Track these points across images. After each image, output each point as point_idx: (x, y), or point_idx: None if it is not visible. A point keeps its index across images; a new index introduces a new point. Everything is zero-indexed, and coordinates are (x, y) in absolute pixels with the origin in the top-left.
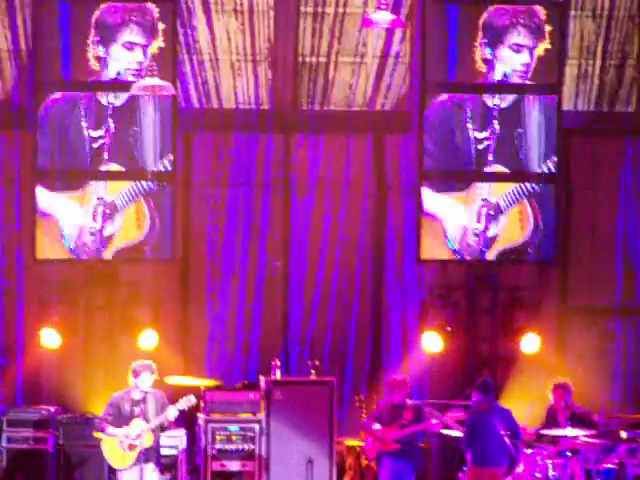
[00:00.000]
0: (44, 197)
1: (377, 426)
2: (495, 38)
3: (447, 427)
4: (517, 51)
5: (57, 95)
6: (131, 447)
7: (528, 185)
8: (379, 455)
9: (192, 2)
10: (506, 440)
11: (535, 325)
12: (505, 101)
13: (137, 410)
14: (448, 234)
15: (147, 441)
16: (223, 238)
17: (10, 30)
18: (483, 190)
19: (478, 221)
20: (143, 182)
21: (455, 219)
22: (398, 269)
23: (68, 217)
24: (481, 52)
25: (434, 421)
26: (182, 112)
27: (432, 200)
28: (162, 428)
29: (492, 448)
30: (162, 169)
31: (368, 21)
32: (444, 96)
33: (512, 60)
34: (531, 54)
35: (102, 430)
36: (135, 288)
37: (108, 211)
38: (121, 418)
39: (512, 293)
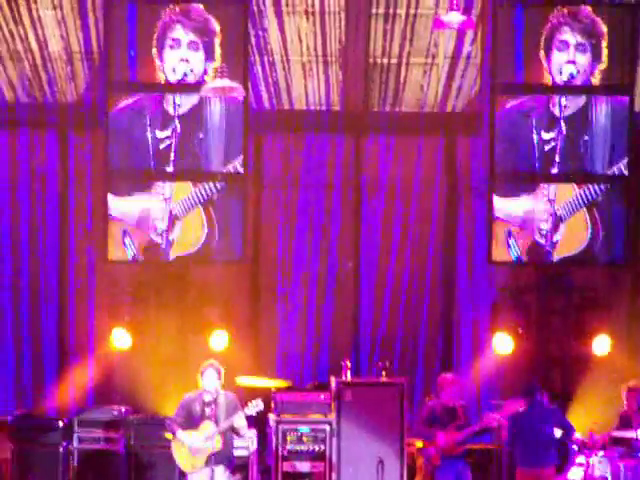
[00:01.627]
0: (113, 202)
1: (440, 434)
2: (548, 40)
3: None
4: (562, 49)
5: (128, 101)
6: (200, 451)
7: (588, 193)
8: (443, 459)
9: (263, 4)
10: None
11: (606, 327)
12: (573, 103)
13: (208, 411)
14: (511, 240)
15: (217, 444)
16: (293, 239)
17: (82, 32)
18: (549, 191)
19: (544, 221)
20: (206, 187)
21: (521, 222)
22: (469, 270)
23: (136, 219)
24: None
25: (493, 416)
26: (253, 113)
27: (499, 205)
28: (235, 432)
29: (537, 448)
30: (231, 171)
31: (439, 22)
32: (512, 102)
33: (560, 59)
34: (588, 53)
35: (172, 432)
36: (205, 289)
37: (175, 213)
38: (192, 419)
39: (583, 294)
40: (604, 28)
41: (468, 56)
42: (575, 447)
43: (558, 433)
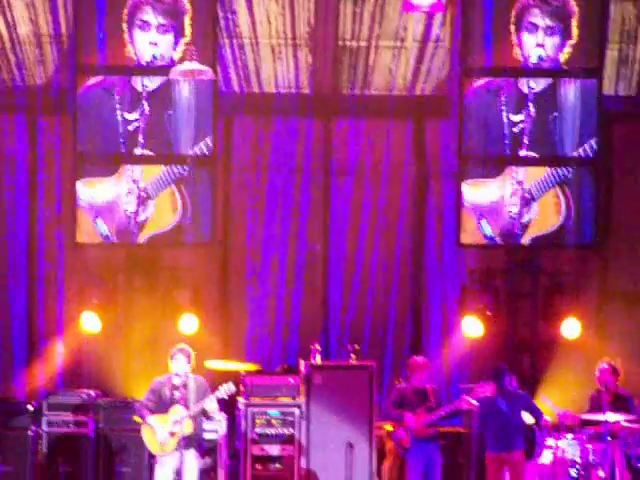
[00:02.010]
0: (83, 187)
1: (408, 415)
2: (517, 21)
3: (479, 400)
4: (531, 31)
5: (92, 81)
6: (171, 434)
7: (560, 172)
8: (412, 441)
9: None
10: (525, 422)
11: (575, 310)
12: (540, 85)
13: (177, 395)
14: (482, 222)
15: (187, 428)
16: (263, 222)
17: (51, 15)
18: (518, 174)
19: (513, 204)
20: (175, 168)
21: (490, 206)
22: (438, 253)
23: (105, 202)
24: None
25: (465, 398)
26: (222, 96)
27: (468, 192)
28: (205, 416)
29: (505, 433)
30: (199, 153)
31: (409, 5)
32: (480, 81)
33: (529, 42)
34: (557, 35)
35: (142, 417)
36: (175, 272)
37: (144, 194)
38: (161, 403)
39: (552, 278)
40: (575, 8)
41: (437, 39)
42: (543, 431)
43: (527, 417)
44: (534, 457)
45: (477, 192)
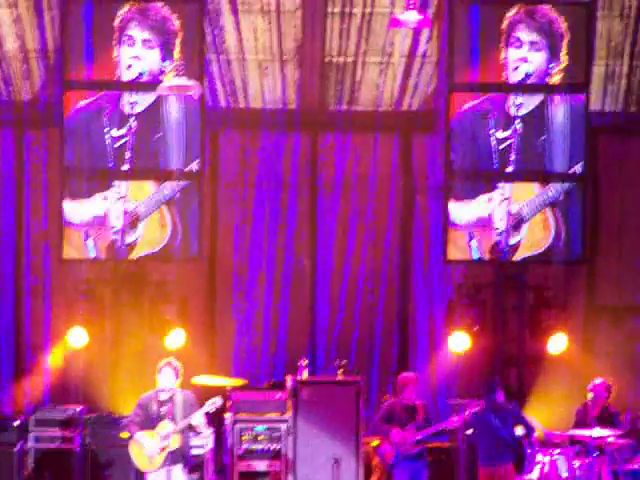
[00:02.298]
0: (70, 205)
1: (395, 430)
2: (504, 37)
3: (467, 423)
4: (517, 47)
5: (85, 101)
6: (159, 450)
7: (550, 193)
8: (397, 458)
9: (219, 2)
10: (516, 436)
11: (562, 325)
12: (528, 102)
13: (164, 410)
14: (472, 243)
15: (174, 443)
16: (250, 237)
17: (38, 30)
18: (505, 190)
19: (501, 220)
20: (167, 186)
21: (478, 223)
22: (425, 268)
23: (93, 220)
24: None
25: (454, 418)
26: (209, 112)
27: (455, 210)
28: (192, 431)
29: (502, 446)
30: (187, 169)
31: (395, 21)
32: (469, 104)
33: (514, 56)
34: (543, 52)
35: (130, 432)
36: (162, 287)
37: (132, 215)
38: (149, 419)
39: (539, 293)
40: (563, 27)
41: (424, 54)
42: (533, 445)
43: (519, 431)
44: (524, 472)
45: (465, 210)
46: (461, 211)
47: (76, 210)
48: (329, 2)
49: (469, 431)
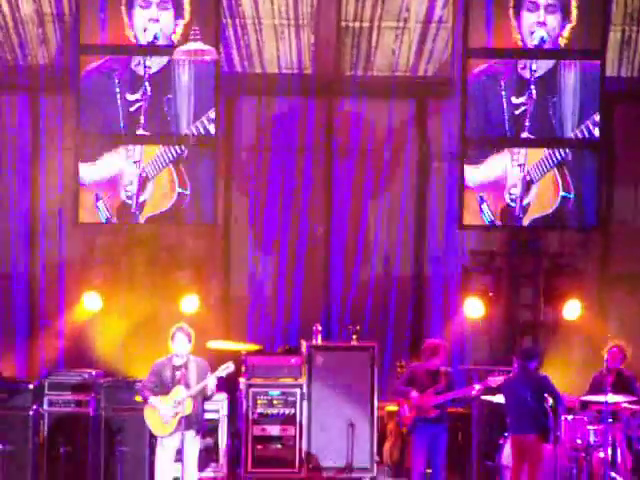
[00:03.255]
0: (84, 167)
1: (414, 392)
2: (518, 2)
3: (488, 391)
4: (531, 11)
5: (93, 64)
6: (173, 415)
7: (558, 153)
8: (416, 421)
9: None
10: (545, 406)
11: (577, 292)
12: (542, 68)
13: (178, 375)
14: (483, 206)
15: (187, 408)
16: (265, 203)
17: None
18: (519, 156)
19: (514, 186)
20: (175, 148)
21: (491, 185)
22: (439, 235)
23: (107, 182)
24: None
25: (476, 386)
26: (224, 76)
27: (469, 173)
28: (205, 396)
29: (527, 415)
30: (202, 132)
31: None
32: (482, 66)
33: (530, 21)
34: (558, 13)
35: (144, 398)
36: (176, 253)
37: (144, 175)
38: (163, 385)
39: (554, 259)
40: None
41: (440, 20)
42: (559, 415)
43: (548, 402)
44: (550, 442)
45: (479, 174)
46: (473, 173)
47: (91, 175)
48: None
49: (498, 397)
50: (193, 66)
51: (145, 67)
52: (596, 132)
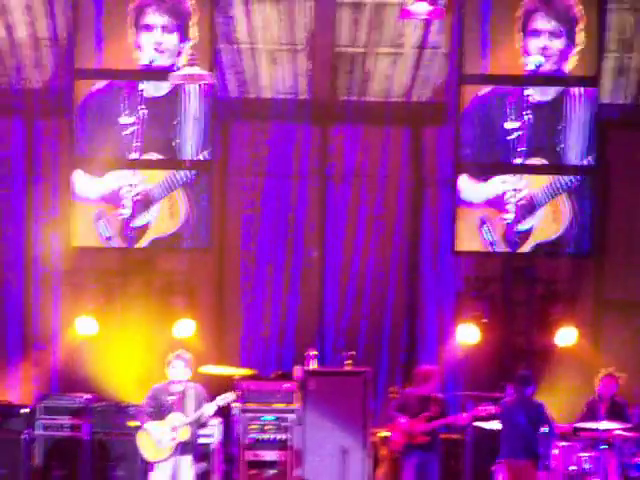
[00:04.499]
0: (81, 181)
1: (403, 419)
2: (520, 26)
3: (477, 420)
4: (534, 36)
5: (99, 85)
6: (169, 440)
7: (566, 179)
8: (405, 447)
9: None
10: (539, 433)
11: (571, 318)
12: (543, 94)
13: (175, 401)
14: (484, 225)
15: (183, 434)
16: (259, 228)
17: (49, 18)
18: (516, 181)
19: (509, 212)
20: (179, 173)
21: (491, 208)
22: (434, 260)
23: (102, 202)
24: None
25: (465, 415)
26: (220, 101)
27: (469, 188)
28: (200, 423)
29: (521, 441)
30: (200, 158)
31: (406, 12)
32: (485, 89)
33: (531, 47)
34: (563, 38)
35: (141, 422)
36: (171, 276)
37: (140, 198)
38: (159, 410)
39: (548, 286)
40: (579, 13)
41: (435, 45)
42: (550, 442)
43: (542, 429)
44: (542, 469)
45: (478, 193)
46: (474, 189)
47: (86, 191)
48: None
49: (494, 423)
50: (192, 92)
51: (142, 91)
52: (591, 159)
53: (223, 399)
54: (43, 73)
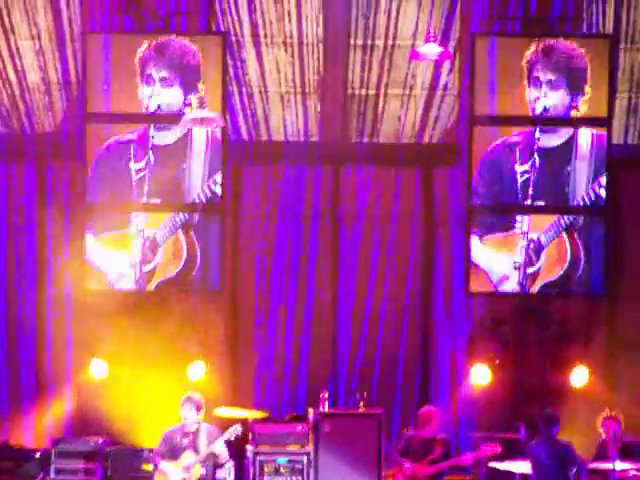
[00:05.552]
0: (91, 243)
1: (407, 464)
2: (525, 74)
3: (481, 460)
4: (537, 86)
5: (111, 140)
6: None
7: (566, 218)
8: None
9: (242, 35)
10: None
11: (584, 358)
12: (549, 136)
13: (186, 441)
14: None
15: (196, 474)
16: (272, 270)
17: (60, 62)
18: (523, 224)
19: (519, 254)
20: (182, 214)
21: (499, 266)
22: (446, 301)
23: (113, 256)
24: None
25: (468, 456)
26: (231, 144)
27: (477, 249)
28: (216, 463)
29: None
30: (209, 196)
31: (417, 54)
32: (499, 140)
33: (533, 95)
34: (563, 89)
35: (155, 464)
36: (184, 319)
37: (148, 244)
38: (173, 451)
39: (561, 326)
40: (585, 60)
41: (445, 87)
42: None
43: (571, 469)
44: None
45: (486, 257)
46: (481, 251)
47: (98, 249)
48: (351, 34)
49: (505, 464)
50: (202, 135)
51: (152, 136)
52: (603, 199)
53: (230, 433)
54: (54, 117)
